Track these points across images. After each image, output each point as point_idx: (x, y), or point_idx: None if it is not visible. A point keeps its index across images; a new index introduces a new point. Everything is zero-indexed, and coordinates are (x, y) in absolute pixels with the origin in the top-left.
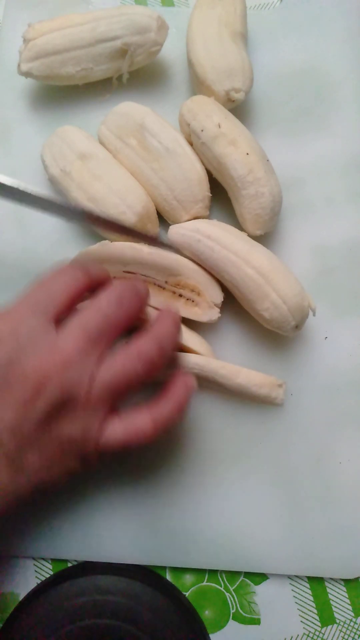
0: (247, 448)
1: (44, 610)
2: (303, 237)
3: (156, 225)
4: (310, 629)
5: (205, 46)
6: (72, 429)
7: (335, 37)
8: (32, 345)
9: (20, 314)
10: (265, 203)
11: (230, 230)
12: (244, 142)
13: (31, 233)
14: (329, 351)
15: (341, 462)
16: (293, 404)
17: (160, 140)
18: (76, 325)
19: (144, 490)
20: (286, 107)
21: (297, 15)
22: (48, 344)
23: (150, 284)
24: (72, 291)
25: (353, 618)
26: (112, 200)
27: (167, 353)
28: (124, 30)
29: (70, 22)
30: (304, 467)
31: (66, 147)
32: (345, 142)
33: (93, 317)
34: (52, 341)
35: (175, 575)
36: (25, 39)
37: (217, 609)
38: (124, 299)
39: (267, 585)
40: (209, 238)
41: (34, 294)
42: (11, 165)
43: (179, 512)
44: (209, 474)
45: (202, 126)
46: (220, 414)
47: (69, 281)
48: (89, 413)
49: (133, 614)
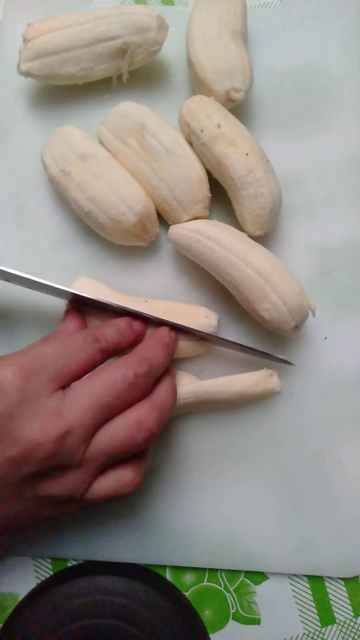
0: (247, 448)
1: (43, 610)
2: (303, 237)
3: (156, 225)
4: (310, 629)
5: (205, 46)
6: (58, 490)
7: (335, 37)
8: (36, 407)
9: (34, 371)
10: (265, 203)
11: (231, 231)
12: (244, 143)
13: (31, 233)
14: (329, 351)
15: (340, 461)
16: (293, 403)
17: (160, 140)
18: (87, 397)
19: (144, 489)
20: (286, 107)
21: (297, 15)
22: (52, 409)
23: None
24: (90, 365)
25: (353, 618)
26: (111, 201)
27: (165, 420)
28: (123, 29)
29: (70, 21)
30: (304, 467)
31: (66, 147)
32: (345, 142)
33: (106, 392)
34: (57, 407)
35: (175, 575)
36: (25, 39)
37: (217, 609)
38: (140, 379)
39: (267, 585)
40: (209, 238)
41: (53, 356)
42: (11, 166)
43: (179, 511)
44: (209, 474)
45: (201, 126)
46: (220, 414)
47: (88, 358)
48: (79, 476)
49: (133, 613)
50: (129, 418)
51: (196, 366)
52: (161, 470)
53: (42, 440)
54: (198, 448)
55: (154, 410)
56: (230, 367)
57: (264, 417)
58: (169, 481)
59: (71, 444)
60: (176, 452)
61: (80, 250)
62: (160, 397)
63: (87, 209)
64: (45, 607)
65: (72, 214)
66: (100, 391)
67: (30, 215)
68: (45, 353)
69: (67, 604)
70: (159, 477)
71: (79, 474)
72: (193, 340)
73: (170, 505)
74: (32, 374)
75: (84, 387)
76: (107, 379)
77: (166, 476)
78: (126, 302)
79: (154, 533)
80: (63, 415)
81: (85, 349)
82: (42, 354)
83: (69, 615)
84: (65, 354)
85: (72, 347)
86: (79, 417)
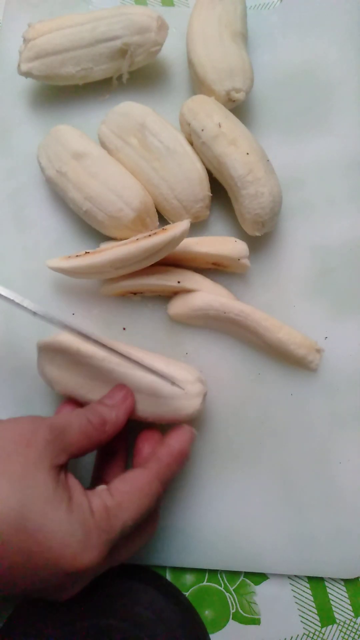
0: (247, 448)
1: (43, 610)
2: (303, 237)
3: (155, 219)
4: (310, 629)
5: (206, 46)
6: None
7: (335, 37)
8: (45, 522)
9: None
10: (265, 203)
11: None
12: (244, 142)
13: (31, 233)
14: (329, 351)
15: (341, 462)
16: (293, 403)
17: (161, 139)
18: (104, 534)
19: None
20: (286, 107)
21: (297, 15)
22: (66, 535)
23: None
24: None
25: (353, 618)
26: (109, 198)
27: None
28: (124, 30)
29: (70, 22)
30: (304, 467)
31: (61, 147)
32: (345, 142)
33: (120, 528)
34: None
35: (176, 575)
36: (26, 39)
37: (217, 609)
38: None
39: (267, 586)
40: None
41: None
42: (11, 165)
43: (179, 511)
44: (209, 474)
45: (202, 126)
46: (220, 413)
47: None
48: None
49: (133, 614)
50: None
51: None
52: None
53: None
54: (198, 448)
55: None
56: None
57: (265, 417)
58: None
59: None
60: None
61: (80, 249)
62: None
63: (85, 208)
64: (44, 608)
65: (72, 213)
66: (116, 527)
67: (30, 215)
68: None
69: (66, 604)
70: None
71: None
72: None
73: (170, 505)
74: (28, 471)
75: (109, 520)
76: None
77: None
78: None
79: (154, 534)
80: (80, 557)
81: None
82: (41, 442)
83: (68, 615)
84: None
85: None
86: (96, 557)
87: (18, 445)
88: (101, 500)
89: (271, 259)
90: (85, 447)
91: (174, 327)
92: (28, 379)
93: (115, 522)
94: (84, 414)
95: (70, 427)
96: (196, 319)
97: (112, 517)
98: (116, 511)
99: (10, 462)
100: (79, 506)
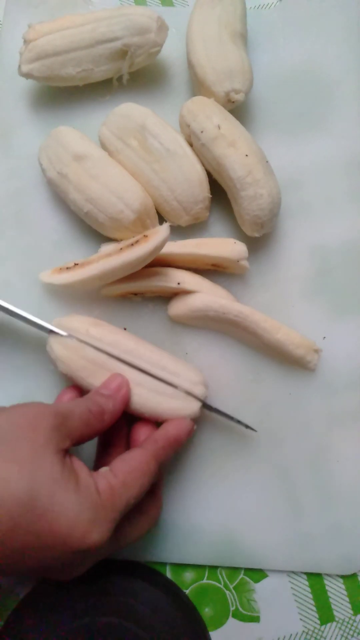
0: (247, 446)
1: (44, 609)
2: (302, 237)
3: (155, 220)
4: (310, 627)
5: (205, 47)
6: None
7: (335, 37)
8: (55, 507)
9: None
10: (264, 204)
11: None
12: (244, 144)
13: (31, 233)
14: (327, 351)
15: (339, 460)
16: (292, 402)
17: (161, 141)
18: (111, 512)
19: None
20: (286, 108)
21: (296, 15)
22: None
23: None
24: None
25: (352, 615)
26: (109, 200)
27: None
28: (124, 31)
29: (71, 23)
30: (303, 465)
31: (61, 149)
32: (345, 142)
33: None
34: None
35: (176, 573)
36: (26, 40)
37: (217, 607)
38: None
39: (266, 583)
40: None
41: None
42: (12, 167)
43: (179, 509)
44: (208, 472)
45: (202, 127)
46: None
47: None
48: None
49: (133, 611)
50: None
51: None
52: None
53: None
54: (197, 446)
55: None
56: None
57: (264, 416)
58: (169, 479)
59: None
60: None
61: (81, 250)
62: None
63: (86, 209)
64: (45, 606)
65: (73, 214)
66: (122, 502)
67: (32, 216)
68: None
69: (67, 603)
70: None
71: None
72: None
73: (170, 503)
74: (38, 461)
75: (114, 504)
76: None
77: (166, 475)
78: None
79: (154, 531)
80: (89, 536)
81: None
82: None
83: (69, 613)
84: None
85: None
86: (103, 537)
87: (25, 430)
88: (106, 481)
89: (270, 259)
90: (86, 434)
91: (174, 327)
92: (31, 375)
93: (119, 501)
94: (84, 403)
95: (72, 414)
96: (196, 320)
97: (117, 495)
98: (120, 490)
99: (18, 446)
100: (86, 487)
